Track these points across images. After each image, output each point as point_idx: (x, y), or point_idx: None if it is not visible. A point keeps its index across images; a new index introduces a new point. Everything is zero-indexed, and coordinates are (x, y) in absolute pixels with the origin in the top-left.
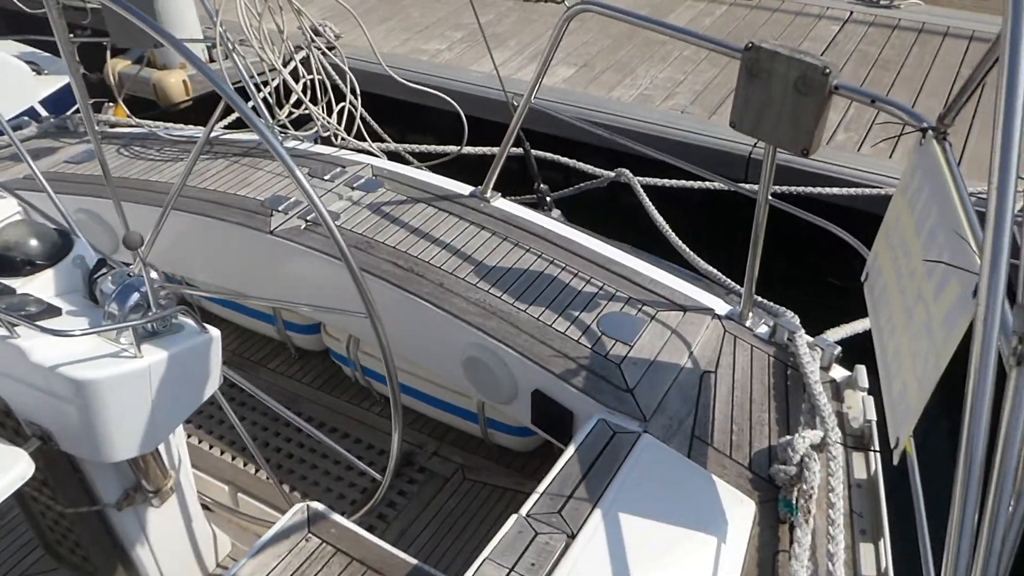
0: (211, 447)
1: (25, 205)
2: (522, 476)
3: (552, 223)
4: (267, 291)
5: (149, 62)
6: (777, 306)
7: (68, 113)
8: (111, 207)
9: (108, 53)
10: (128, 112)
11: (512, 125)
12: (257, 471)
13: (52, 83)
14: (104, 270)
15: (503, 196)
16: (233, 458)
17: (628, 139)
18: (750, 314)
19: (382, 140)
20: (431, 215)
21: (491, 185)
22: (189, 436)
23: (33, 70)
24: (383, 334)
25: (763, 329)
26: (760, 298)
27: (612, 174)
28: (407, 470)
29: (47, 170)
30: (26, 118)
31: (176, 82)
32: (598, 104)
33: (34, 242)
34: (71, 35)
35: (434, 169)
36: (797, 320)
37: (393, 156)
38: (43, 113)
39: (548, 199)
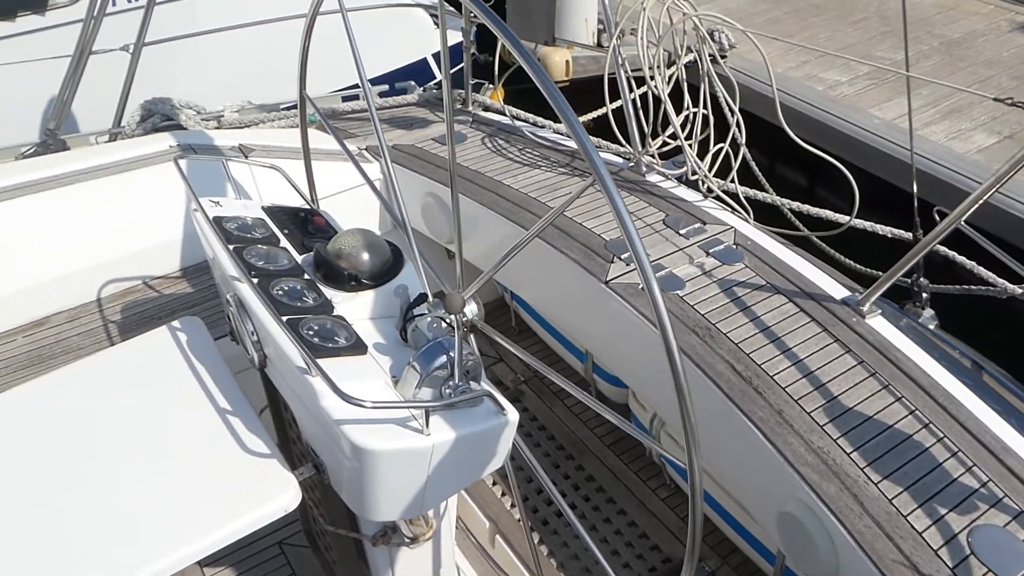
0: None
1: (365, 178)
2: None
3: (938, 369)
4: (584, 337)
5: None
6: None
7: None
8: (460, 198)
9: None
10: (503, 96)
11: (929, 237)
12: (520, 520)
13: (448, 38)
14: (422, 310)
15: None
16: (502, 494)
17: None
18: None
19: (757, 184)
20: (790, 314)
21: (875, 297)
22: None
23: (435, 23)
24: (697, 476)
25: None
26: None
27: (1018, 290)
28: None
29: (413, 143)
30: (412, 83)
31: (559, 61)
32: None
33: (365, 256)
34: (472, 14)
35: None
36: None
37: (764, 206)
38: (433, 66)
39: (924, 295)
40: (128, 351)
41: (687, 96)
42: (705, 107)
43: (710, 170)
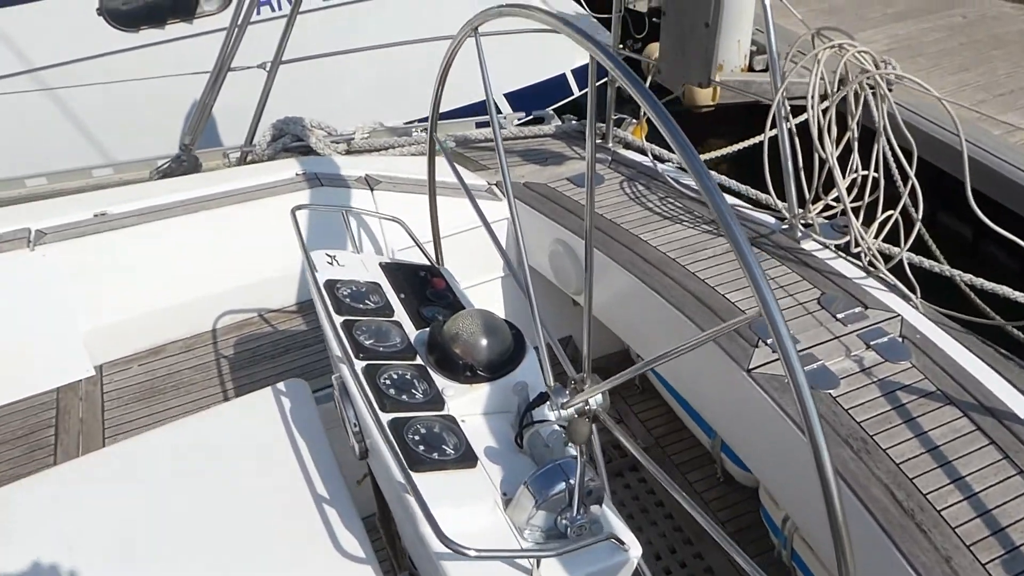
0: None
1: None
2: None
3: None
4: (715, 418)
5: None
6: None
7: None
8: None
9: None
10: (645, 132)
11: None
12: None
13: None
14: (542, 416)
15: None
16: None
17: None
18: None
19: (924, 249)
20: (964, 432)
21: None
22: None
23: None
24: None
25: None
26: None
27: None
28: None
29: (546, 182)
30: (550, 111)
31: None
32: None
33: (483, 344)
34: (621, 44)
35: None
36: None
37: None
38: (572, 83)
39: None
40: (231, 413)
41: (856, 155)
42: (876, 169)
43: (875, 237)
